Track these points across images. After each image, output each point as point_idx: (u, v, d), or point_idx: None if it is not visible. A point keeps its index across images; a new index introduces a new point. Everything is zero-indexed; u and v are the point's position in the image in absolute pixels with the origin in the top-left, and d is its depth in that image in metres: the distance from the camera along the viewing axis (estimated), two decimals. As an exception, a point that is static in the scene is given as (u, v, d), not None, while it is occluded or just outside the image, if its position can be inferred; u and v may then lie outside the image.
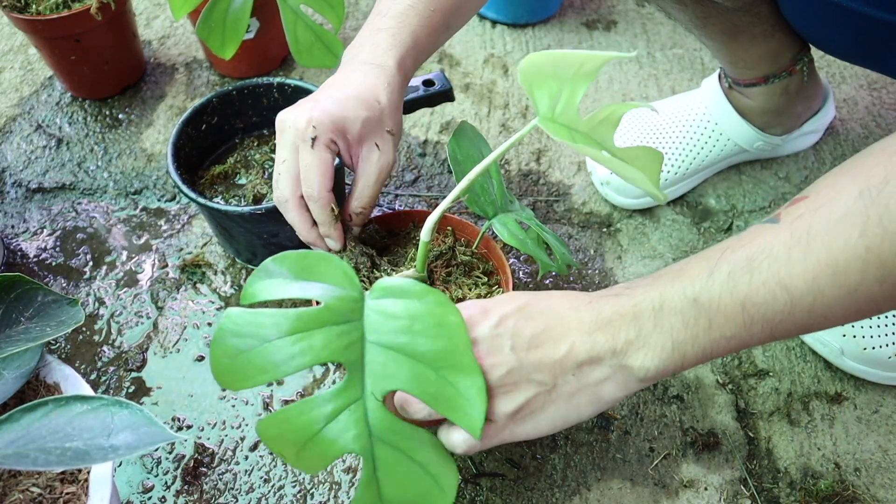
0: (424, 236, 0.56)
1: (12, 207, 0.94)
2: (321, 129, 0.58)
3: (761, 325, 0.43)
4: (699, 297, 0.44)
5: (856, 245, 0.40)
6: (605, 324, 0.46)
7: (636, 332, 0.45)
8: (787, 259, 0.42)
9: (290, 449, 0.46)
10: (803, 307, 0.42)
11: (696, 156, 0.89)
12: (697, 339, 0.44)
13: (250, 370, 0.44)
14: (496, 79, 1.08)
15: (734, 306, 0.43)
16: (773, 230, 0.44)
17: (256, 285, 0.46)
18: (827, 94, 0.92)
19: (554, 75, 0.46)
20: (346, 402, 0.46)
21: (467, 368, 0.45)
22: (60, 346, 0.81)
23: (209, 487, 0.70)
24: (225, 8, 0.81)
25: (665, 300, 0.45)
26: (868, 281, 0.40)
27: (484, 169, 0.52)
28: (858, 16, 0.61)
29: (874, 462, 0.71)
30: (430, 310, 0.45)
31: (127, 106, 1.05)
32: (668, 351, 0.45)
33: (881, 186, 0.40)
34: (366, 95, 0.59)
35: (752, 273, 0.43)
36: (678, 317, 0.45)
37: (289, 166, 0.60)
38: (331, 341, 0.45)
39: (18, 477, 0.53)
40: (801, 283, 0.41)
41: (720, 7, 0.74)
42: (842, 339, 0.74)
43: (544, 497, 0.69)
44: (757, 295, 0.42)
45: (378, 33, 0.62)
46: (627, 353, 0.46)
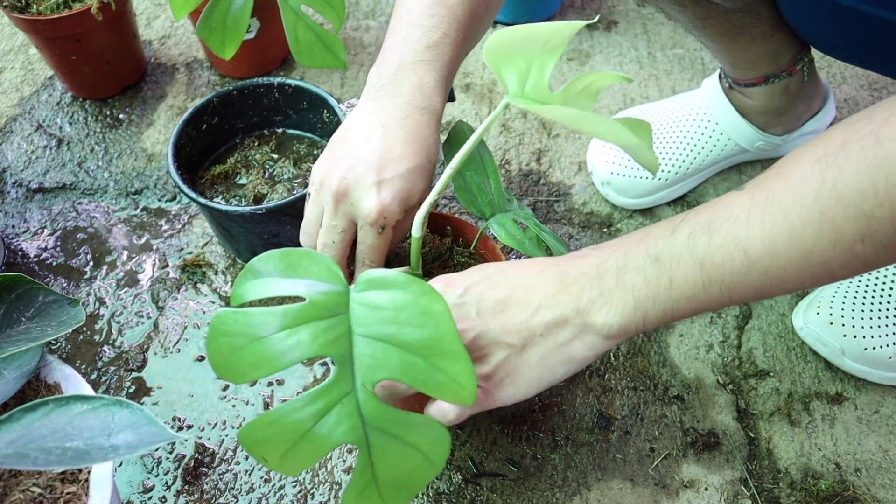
0: (415, 232, 0.56)
1: (13, 207, 0.94)
2: (391, 217, 0.56)
3: (719, 285, 0.44)
4: (660, 255, 0.45)
5: (811, 208, 0.41)
6: (570, 284, 0.48)
7: (599, 290, 0.47)
8: (746, 221, 0.43)
9: (276, 451, 0.46)
10: (760, 269, 0.43)
11: (696, 156, 0.89)
12: (658, 298, 0.46)
13: (244, 366, 0.45)
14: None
15: (693, 265, 0.44)
16: (736, 195, 0.45)
17: (244, 286, 0.47)
18: (827, 95, 0.92)
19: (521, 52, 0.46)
20: (338, 395, 0.46)
21: (456, 354, 0.46)
22: (61, 346, 0.81)
23: (209, 487, 0.70)
24: (225, 8, 0.81)
25: (629, 259, 0.46)
26: (822, 244, 0.41)
27: (462, 159, 0.52)
28: (858, 14, 0.61)
29: (875, 462, 0.71)
30: (414, 299, 0.46)
31: (127, 106, 1.05)
32: (630, 309, 0.46)
33: (837, 152, 0.41)
34: (423, 160, 0.57)
35: (711, 234, 0.44)
36: (640, 275, 0.46)
37: (346, 237, 0.58)
38: (318, 336, 0.45)
39: (19, 477, 0.53)
40: (758, 244, 0.42)
41: (720, 8, 0.74)
42: (842, 339, 0.74)
43: (545, 497, 0.69)
44: (716, 255, 0.44)
45: (422, 66, 0.59)
46: (590, 311, 0.47)
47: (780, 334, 0.80)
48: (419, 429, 0.47)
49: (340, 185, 0.56)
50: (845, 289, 0.76)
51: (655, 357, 0.79)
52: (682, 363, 0.78)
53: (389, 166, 0.55)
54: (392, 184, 0.55)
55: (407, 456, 0.47)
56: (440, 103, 0.60)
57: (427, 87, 0.59)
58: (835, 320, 0.74)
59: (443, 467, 0.48)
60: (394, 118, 0.57)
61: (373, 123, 0.58)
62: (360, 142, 0.57)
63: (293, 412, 0.45)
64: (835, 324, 0.74)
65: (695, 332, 0.80)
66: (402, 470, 0.48)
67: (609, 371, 0.78)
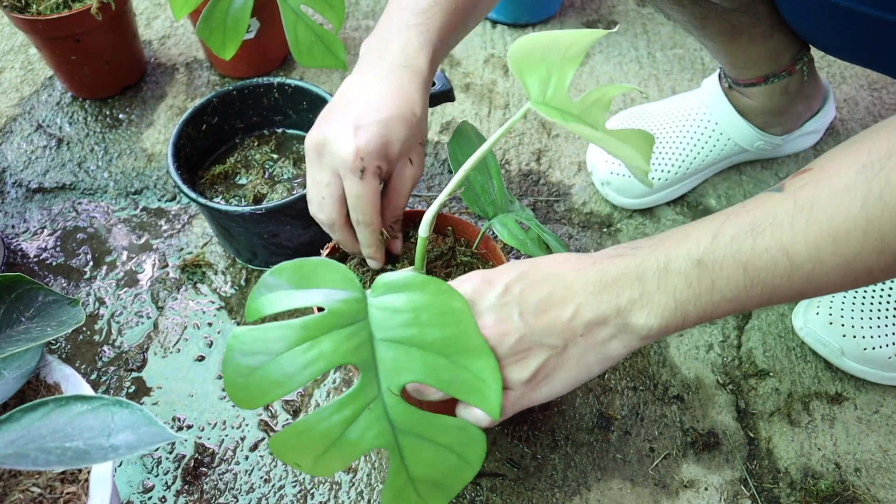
0: (422, 232, 0.56)
1: (13, 207, 0.94)
2: (369, 160, 0.56)
3: (761, 288, 0.45)
4: (703, 258, 0.45)
5: (857, 217, 0.41)
6: (610, 284, 0.47)
7: (640, 291, 0.47)
8: (791, 227, 0.43)
9: (308, 458, 0.46)
10: (803, 273, 0.43)
11: (696, 155, 0.89)
12: (699, 299, 0.46)
13: (266, 386, 0.44)
14: (496, 79, 1.08)
15: (736, 269, 0.45)
16: (778, 198, 0.45)
17: (259, 301, 0.46)
18: (827, 95, 0.92)
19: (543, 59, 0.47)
20: (365, 401, 0.46)
21: (478, 350, 0.46)
22: (61, 346, 0.81)
23: (209, 487, 0.70)
24: (225, 8, 0.81)
25: (670, 261, 0.46)
26: (867, 252, 0.42)
27: (478, 160, 0.52)
28: (856, 15, 0.61)
29: (874, 462, 0.71)
30: (433, 299, 0.46)
31: (127, 106, 1.05)
32: (671, 310, 0.46)
33: (883, 161, 0.41)
34: (404, 111, 0.57)
35: (755, 238, 0.44)
36: (682, 277, 0.46)
37: (333, 191, 0.58)
38: (340, 345, 0.45)
39: (19, 477, 0.53)
40: (802, 250, 0.43)
41: (718, 8, 0.74)
42: (842, 339, 0.74)
43: (545, 497, 0.69)
44: (759, 259, 0.44)
45: (407, 30, 0.60)
46: (631, 311, 0.47)
47: (779, 334, 0.80)
48: (451, 431, 0.47)
49: (319, 137, 0.57)
50: (845, 289, 0.76)
51: (655, 357, 0.79)
52: (682, 363, 0.78)
53: (367, 114, 0.56)
54: (368, 129, 0.56)
55: (441, 457, 0.47)
56: (426, 63, 0.59)
57: (411, 48, 0.59)
58: (834, 320, 0.74)
59: (480, 467, 0.48)
60: (376, 76, 0.58)
61: (356, 83, 0.59)
62: (342, 100, 0.58)
63: (321, 421, 0.45)
64: (834, 324, 0.74)
65: (695, 332, 0.80)
66: (437, 471, 0.48)
67: (609, 371, 0.78)
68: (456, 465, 0.48)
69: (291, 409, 0.75)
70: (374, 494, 0.70)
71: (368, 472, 0.71)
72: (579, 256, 0.50)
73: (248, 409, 0.45)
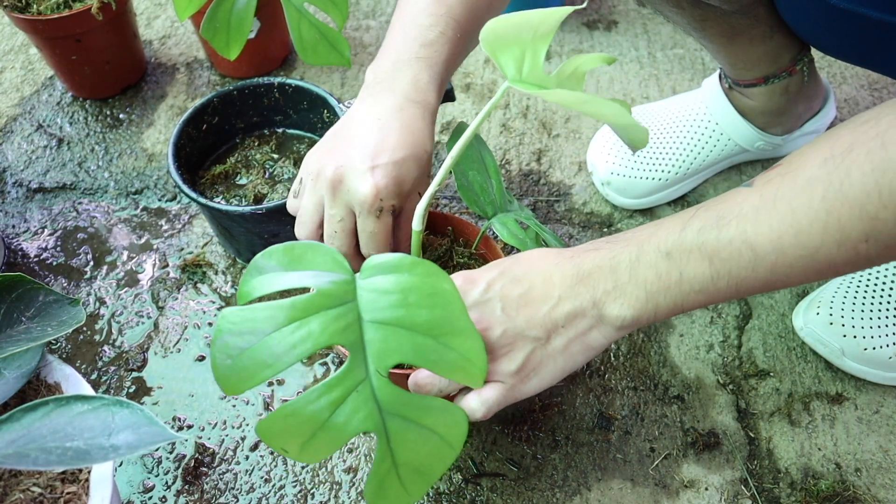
0: (415, 226, 0.56)
1: (13, 207, 0.94)
2: (386, 199, 0.57)
3: (727, 280, 0.46)
4: (671, 251, 0.47)
5: (817, 209, 0.42)
6: (586, 276, 0.49)
7: (613, 283, 0.49)
8: (755, 219, 0.44)
9: (295, 442, 0.46)
10: (766, 265, 0.45)
11: (696, 156, 0.89)
12: (669, 291, 0.47)
13: (252, 367, 0.44)
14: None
15: (702, 261, 0.46)
16: (745, 192, 0.46)
17: (250, 283, 0.47)
18: (828, 95, 0.92)
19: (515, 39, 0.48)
20: (353, 383, 0.46)
21: (465, 332, 0.47)
22: (61, 345, 0.81)
23: (210, 487, 0.70)
24: (229, 8, 0.81)
25: (641, 254, 0.48)
26: (828, 243, 0.43)
27: (464, 146, 0.53)
28: (857, 17, 0.61)
29: (875, 462, 0.71)
30: (421, 281, 0.46)
31: (128, 106, 1.05)
32: (642, 301, 0.48)
33: (844, 154, 0.42)
34: (418, 150, 0.58)
35: (720, 230, 0.45)
36: (651, 270, 0.48)
37: (346, 225, 0.59)
38: (328, 325, 0.45)
39: (19, 476, 0.53)
40: (765, 242, 0.44)
41: (718, 10, 0.74)
42: (842, 339, 0.74)
43: (545, 497, 0.69)
44: (724, 251, 0.45)
45: (417, 62, 0.60)
46: (605, 302, 0.49)
47: (780, 334, 0.80)
48: (436, 412, 0.48)
49: (336, 173, 0.57)
50: (845, 289, 0.76)
51: (655, 357, 0.79)
52: (683, 363, 0.78)
53: (383, 153, 0.57)
54: (386, 168, 0.56)
55: (425, 439, 0.48)
56: (435, 99, 0.61)
57: (422, 82, 0.60)
58: (835, 320, 0.74)
59: (461, 450, 0.49)
60: (389, 111, 0.59)
61: (369, 115, 0.59)
62: (355, 132, 0.59)
63: (309, 403, 0.45)
64: (835, 324, 0.74)
65: (695, 332, 0.80)
66: (421, 454, 0.48)
67: (609, 371, 0.78)
68: (438, 447, 0.48)
69: (292, 408, 0.75)
70: (375, 494, 0.70)
71: (369, 472, 0.71)
72: (559, 251, 0.52)
73: (234, 393, 0.45)
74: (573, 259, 0.51)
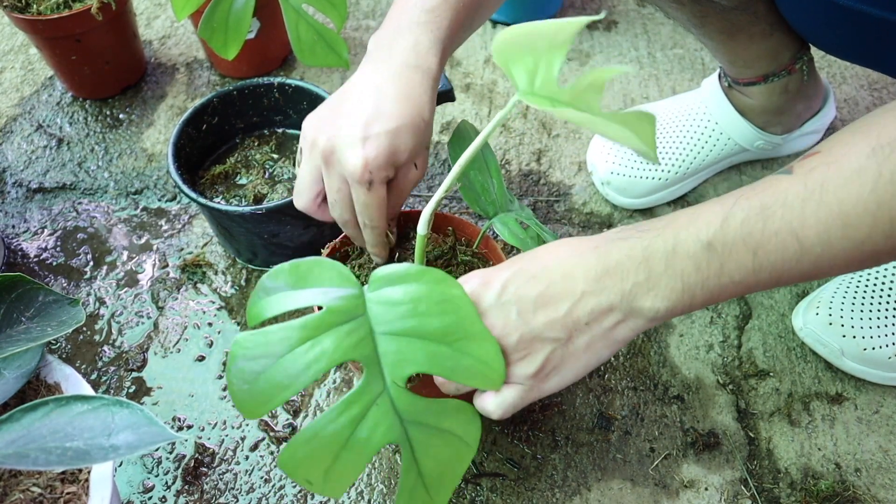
0: (421, 230, 0.56)
1: (13, 207, 0.94)
2: (376, 171, 0.56)
3: (769, 271, 0.45)
4: (713, 241, 0.45)
5: (867, 200, 0.41)
6: (613, 268, 0.47)
7: (646, 274, 0.46)
8: (801, 210, 0.43)
9: (319, 468, 0.45)
10: (812, 257, 0.43)
11: (696, 155, 0.89)
12: (707, 282, 0.45)
13: (271, 390, 0.44)
14: (497, 79, 1.08)
15: (746, 253, 0.44)
16: (788, 181, 0.44)
17: (259, 305, 0.46)
18: (827, 95, 0.92)
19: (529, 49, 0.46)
20: (372, 397, 0.46)
21: (479, 336, 0.46)
22: (61, 346, 0.81)
23: (209, 487, 0.70)
24: (227, 8, 0.81)
25: (678, 243, 0.46)
26: (876, 235, 0.42)
27: (473, 155, 0.51)
28: (857, 14, 0.61)
29: (875, 462, 0.71)
30: (430, 288, 0.46)
31: (127, 106, 1.05)
32: (678, 293, 0.46)
33: (893, 144, 0.41)
34: (414, 118, 0.57)
35: (765, 221, 0.44)
36: (690, 261, 0.45)
37: (344, 195, 0.59)
38: (341, 341, 0.45)
39: (19, 477, 0.53)
40: (812, 234, 0.43)
41: (718, 6, 0.74)
42: (842, 339, 0.74)
43: (545, 497, 0.69)
44: (769, 243, 0.44)
45: (418, 27, 0.59)
46: (637, 295, 0.46)
47: (780, 334, 0.80)
48: (452, 413, 0.48)
49: (328, 143, 0.57)
50: (844, 289, 0.76)
51: (655, 357, 0.79)
52: (682, 363, 0.78)
53: (377, 122, 0.56)
54: (378, 139, 0.55)
55: (445, 443, 0.48)
56: (436, 64, 0.59)
57: (422, 46, 0.58)
58: (834, 321, 0.74)
59: (477, 447, 0.49)
60: (386, 77, 0.57)
61: (367, 82, 0.58)
62: (352, 100, 0.58)
63: (329, 423, 0.45)
64: (834, 324, 0.74)
65: (695, 332, 0.80)
66: (443, 458, 0.48)
67: (609, 371, 0.78)
68: (458, 449, 0.48)
69: (292, 409, 0.75)
70: (375, 494, 0.70)
71: (368, 472, 0.71)
72: (580, 240, 0.50)
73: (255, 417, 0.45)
74: (598, 249, 0.48)
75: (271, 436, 0.73)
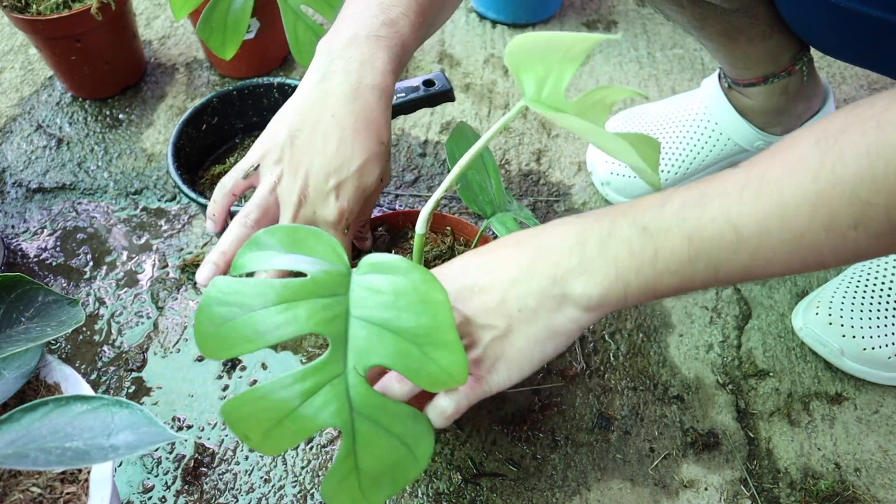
0: (419, 228, 0.56)
1: (13, 207, 0.94)
2: (351, 217, 0.58)
3: (705, 261, 0.43)
4: (648, 226, 0.44)
5: (807, 190, 0.40)
6: (547, 251, 0.46)
7: (579, 258, 0.45)
8: (739, 198, 0.42)
9: (258, 429, 0.45)
10: (749, 248, 0.42)
11: (696, 155, 0.89)
12: (642, 269, 0.44)
13: (234, 338, 0.44)
14: (496, 79, 1.08)
15: (681, 238, 0.43)
16: (731, 172, 0.44)
17: (246, 256, 0.46)
18: (827, 95, 0.92)
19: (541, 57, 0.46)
20: (328, 376, 0.45)
21: (450, 346, 0.45)
22: (61, 346, 0.81)
23: (209, 487, 0.70)
24: (225, 8, 0.81)
25: (614, 228, 0.45)
26: (815, 228, 0.40)
27: (473, 158, 0.52)
28: (856, 15, 0.61)
29: (874, 462, 0.71)
30: (415, 286, 0.46)
31: (127, 106, 1.05)
32: (612, 279, 0.45)
33: (838, 135, 0.40)
34: (377, 146, 0.58)
35: (702, 208, 0.43)
36: (625, 245, 0.44)
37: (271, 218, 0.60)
38: (315, 313, 0.45)
39: (19, 477, 0.53)
40: (750, 222, 0.41)
41: (718, 8, 0.74)
42: (841, 339, 0.74)
43: (544, 497, 0.69)
44: (705, 230, 0.42)
45: (375, 42, 0.58)
46: (568, 280, 0.45)
47: (779, 334, 0.80)
48: (405, 419, 0.47)
49: (301, 194, 0.57)
50: (844, 289, 0.76)
51: (655, 357, 0.79)
52: (682, 363, 0.78)
53: (343, 166, 0.57)
54: (348, 184, 0.57)
55: (391, 447, 0.47)
56: (392, 81, 0.59)
57: (379, 62, 0.58)
58: (834, 320, 0.74)
59: (426, 466, 0.48)
60: (342, 101, 0.57)
61: (324, 106, 0.57)
62: (313, 133, 0.57)
63: (281, 389, 0.45)
64: (834, 324, 0.74)
65: (695, 332, 0.81)
66: (385, 462, 0.47)
67: (609, 371, 0.78)
68: (404, 459, 0.47)
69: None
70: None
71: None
72: (525, 231, 0.50)
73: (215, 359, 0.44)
74: (537, 235, 0.48)
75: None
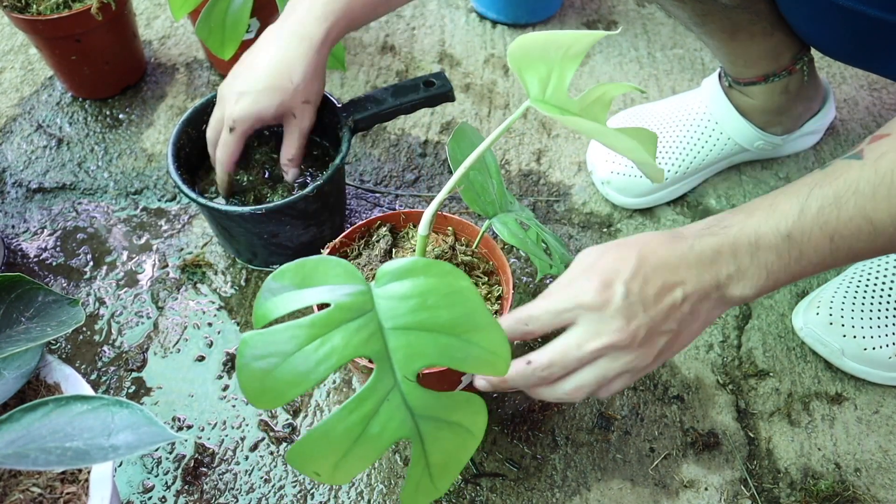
0: (422, 231, 0.56)
1: (13, 207, 0.94)
2: (238, 125, 0.73)
3: (846, 252, 0.50)
4: (792, 232, 0.50)
5: None
6: (709, 263, 0.52)
7: (735, 266, 0.51)
8: (873, 196, 0.47)
9: (327, 465, 0.45)
10: (886, 236, 0.48)
11: (696, 155, 0.89)
12: (789, 267, 0.51)
13: (281, 387, 0.44)
14: (496, 79, 1.08)
15: (823, 239, 0.49)
16: (858, 167, 0.49)
17: (265, 306, 0.46)
18: (827, 95, 0.92)
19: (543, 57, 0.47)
20: (383, 393, 0.46)
21: (486, 326, 0.46)
22: (61, 346, 0.81)
23: (209, 487, 0.70)
24: (224, 8, 0.81)
25: (760, 237, 0.51)
26: None
27: (477, 159, 0.52)
28: (856, 15, 0.61)
29: (874, 462, 0.71)
30: (438, 281, 0.46)
31: (127, 106, 1.05)
32: (764, 279, 0.51)
33: None
34: (280, 81, 0.71)
35: (839, 209, 0.48)
36: (773, 251, 0.50)
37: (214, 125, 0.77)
38: (351, 338, 0.45)
39: (19, 477, 0.53)
40: (885, 216, 0.47)
41: (719, 5, 0.74)
42: (842, 339, 0.74)
43: (544, 497, 0.69)
44: (845, 229, 0.48)
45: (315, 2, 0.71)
46: (729, 285, 0.52)
47: (780, 334, 0.80)
48: (461, 405, 0.48)
49: (220, 92, 0.76)
50: (844, 289, 0.76)
51: (655, 357, 0.79)
52: (682, 363, 0.78)
53: (250, 84, 0.72)
54: (246, 98, 0.72)
55: (454, 435, 0.48)
56: (321, 33, 0.71)
57: (312, 15, 0.70)
58: (834, 320, 0.74)
59: (482, 437, 0.50)
60: (274, 42, 0.72)
61: (261, 44, 0.73)
62: (246, 61, 0.74)
63: (340, 422, 0.45)
64: (834, 324, 0.74)
65: (695, 332, 0.80)
66: (450, 449, 0.49)
67: (609, 371, 0.78)
68: (464, 439, 0.49)
69: (292, 409, 0.75)
70: (374, 494, 0.70)
71: (368, 472, 0.71)
72: (672, 237, 0.53)
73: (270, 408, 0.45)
74: (693, 247, 0.52)
75: (271, 436, 0.73)
